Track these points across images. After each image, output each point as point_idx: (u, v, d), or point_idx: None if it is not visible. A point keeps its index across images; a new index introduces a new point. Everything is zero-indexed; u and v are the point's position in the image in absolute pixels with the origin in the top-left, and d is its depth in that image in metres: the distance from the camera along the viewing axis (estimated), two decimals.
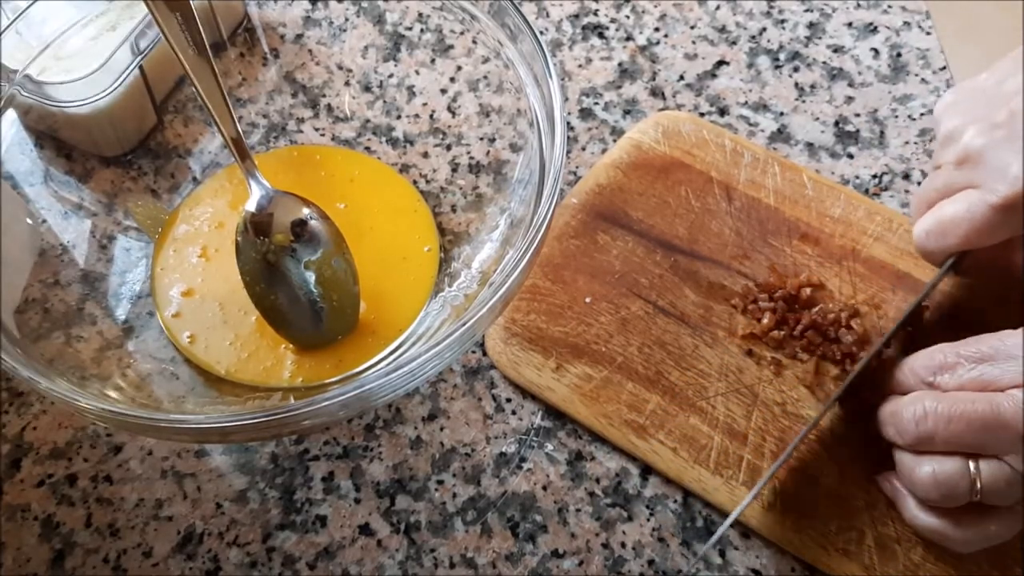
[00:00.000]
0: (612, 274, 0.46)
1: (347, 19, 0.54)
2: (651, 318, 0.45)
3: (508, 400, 0.44)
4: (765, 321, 0.44)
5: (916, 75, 0.54)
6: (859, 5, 0.58)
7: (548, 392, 0.43)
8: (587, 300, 0.45)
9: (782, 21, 0.58)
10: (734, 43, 0.57)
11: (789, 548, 0.39)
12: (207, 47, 0.39)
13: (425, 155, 0.50)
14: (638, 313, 0.45)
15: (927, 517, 0.37)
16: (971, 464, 0.35)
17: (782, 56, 0.56)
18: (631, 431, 0.42)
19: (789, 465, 0.40)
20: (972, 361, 0.36)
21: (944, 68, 0.54)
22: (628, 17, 0.57)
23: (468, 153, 0.49)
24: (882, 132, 0.52)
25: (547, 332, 0.44)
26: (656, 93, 0.54)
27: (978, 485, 0.34)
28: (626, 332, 0.44)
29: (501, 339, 0.44)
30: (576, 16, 0.57)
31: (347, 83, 0.52)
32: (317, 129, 0.51)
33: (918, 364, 0.38)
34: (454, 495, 0.42)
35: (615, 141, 0.52)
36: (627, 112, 0.53)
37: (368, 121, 0.51)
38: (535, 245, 0.35)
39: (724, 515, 0.40)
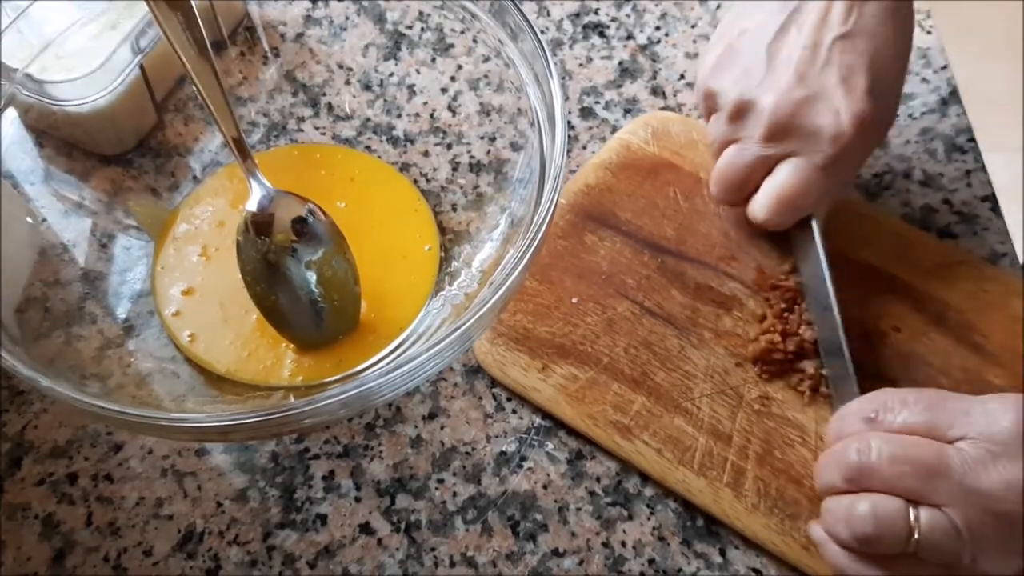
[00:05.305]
0: (599, 275, 0.46)
1: (347, 18, 0.54)
2: (638, 319, 0.44)
3: (508, 399, 0.44)
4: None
5: (917, 74, 0.54)
6: None
7: (534, 392, 0.43)
8: (574, 300, 0.45)
9: None
10: None
11: (773, 550, 0.39)
12: (208, 46, 0.39)
13: (425, 154, 0.50)
14: (625, 314, 0.45)
15: (854, 564, 0.35)
16: (912, 510, 0.33)
17: None
18: (616, 432, 0.41)
19: (774, 467, 0.40)
20: (919, 405, 0.35)
21: (944, 68, 0.54)
22: (629, 16, 0.57)
23: (469, 152, 0.49)
24: None
25: (533, 332, 0.44)
26: (657, 92, 0.54)
27: (916, 534, 0.33)
28: (612, 333, 0.44)
29: (487, 339, 0.44)
30: (577, 15, 0.57)
31: (347, 82, 0.52)
32: (317, 128, 0.51)
33: (859, 405, 0.37)
34: (454, 494, 0.42)
35: None
36: (628, 111, 0.53)
37: (368, 120, 0.51)
38: (535, 244, 0.35)
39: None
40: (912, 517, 0.33)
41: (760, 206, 0.43)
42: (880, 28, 0.40)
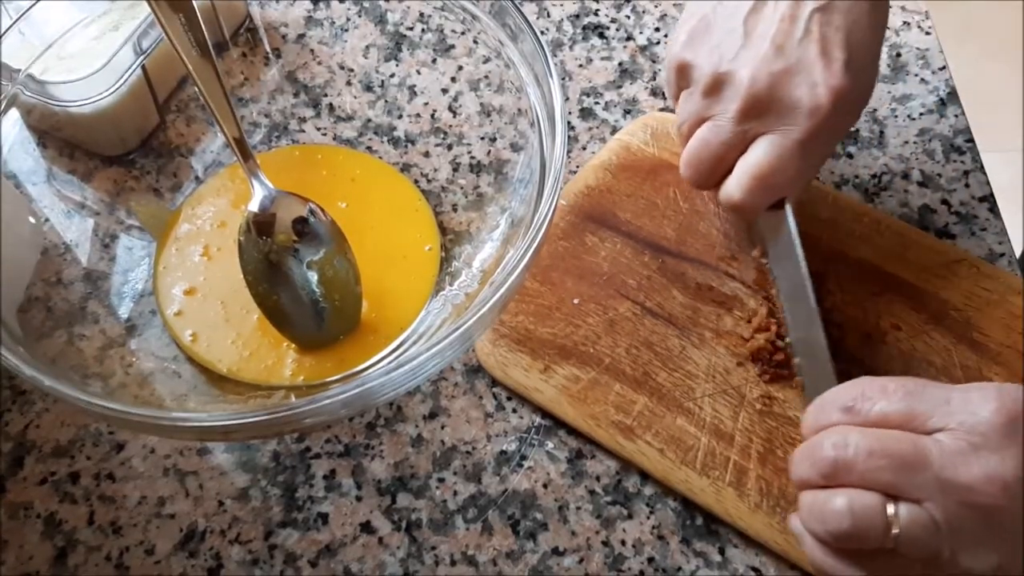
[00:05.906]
0: (600, 275, 0.46)
1: (348, 19, 0.54)
2: (639, 319, 0.45)
3: (509, 398, 0.44)
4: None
5: (916, 75, 0.54)
6: None
7: (536, 393, 0.43)
8: (575, 301, 0.45)
9: None
10: None
11: (776, 549, 0.39)
12: (209, 47, 0.39)
13: (426, 154, 0.50)
14: (626, 314, 0.45)
15: (831, 560, 0.34)
16: (890, 505, 0.32)
17: None
18: (618, 432, 0.42)
19: (776, 465, 0.41)
20: (898, 394, 0.34)
21: (944, 68, 0.54)
22: (628, 17, 0.57)
23: (469, 152, 0.49)
24: (881, 132, 0.52)
25: (535, 333, 0.44)
26: (656, 93, 0.54)
27: (895, 529, 0.32)
28: (614, 333, 0.44)
29: (489, 340, 0.44)
30: (577, 16, 0.58)
31: (349, 83, 0.52)
32: (319, 129, 0.52)
33: (837, 394, 0.35)
34: (455, 493, 0.42)
35: None
36: (627, 112, 0.53)
37: (369, 121, 0.51)
38: (536, 244, 0.35)
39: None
40: (890, 512, 0.32)
41: (735, 186, 0.41)
42: (856, 3, 0.39)
